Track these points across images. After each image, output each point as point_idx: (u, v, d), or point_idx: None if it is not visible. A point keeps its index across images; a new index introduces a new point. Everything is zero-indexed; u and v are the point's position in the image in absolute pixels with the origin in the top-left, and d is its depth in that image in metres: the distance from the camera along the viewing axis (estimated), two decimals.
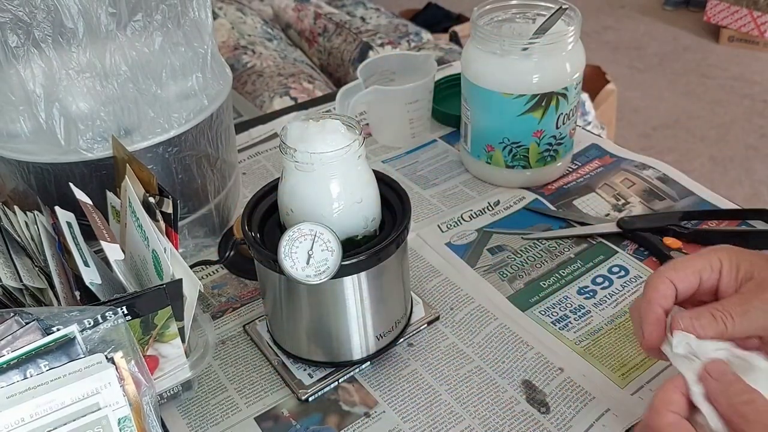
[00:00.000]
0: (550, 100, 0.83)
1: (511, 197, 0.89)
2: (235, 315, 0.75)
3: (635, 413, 0.62)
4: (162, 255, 0.59)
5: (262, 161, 1.00)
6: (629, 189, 0.90)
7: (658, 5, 3.76)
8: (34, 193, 0.71)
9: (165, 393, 0.64)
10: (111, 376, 0.50)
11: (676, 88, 3.04)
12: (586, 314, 0.73)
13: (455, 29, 2.62)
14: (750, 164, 2.55)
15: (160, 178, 0.68)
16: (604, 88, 2.27)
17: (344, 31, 1.96)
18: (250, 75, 1.79)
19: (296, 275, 0.58)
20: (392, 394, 0.66)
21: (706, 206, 0.86)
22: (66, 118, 0.67)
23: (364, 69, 0.98)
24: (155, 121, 0.71)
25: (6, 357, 0.49)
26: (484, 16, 0.87)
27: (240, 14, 2.06)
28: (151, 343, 0.59)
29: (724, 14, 3.31)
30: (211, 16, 0.74)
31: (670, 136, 2.73)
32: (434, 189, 0.92)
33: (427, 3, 3.08)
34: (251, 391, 0.67)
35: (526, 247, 0.82)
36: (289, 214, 0.62)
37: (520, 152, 0.87)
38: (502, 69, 0.83)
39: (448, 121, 1.04)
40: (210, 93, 0.75)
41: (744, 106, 2.88)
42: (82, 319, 0.53)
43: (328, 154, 0.58)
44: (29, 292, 0.63)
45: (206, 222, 0.81)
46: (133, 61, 0.68)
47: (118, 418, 0.50)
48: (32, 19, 0.62)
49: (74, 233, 0.64)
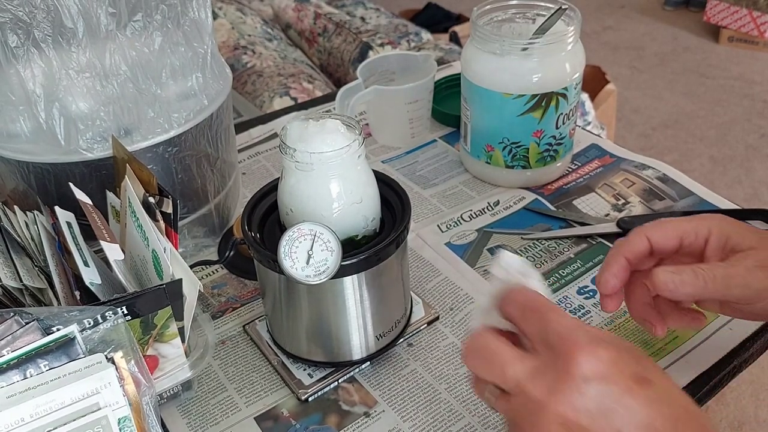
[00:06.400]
0: (550, 100, 0.83)
1: (511, 197, 0.89)
2: (235, 315, 0.75)
3: None
4: (162, 255, 0.59)
5: (262, 161, 1.00)
6: (629, 189, 0.90)
7: (658, 5, 3.76)
8: (34, 193, 0.71)
9: (165, 393, 0.64)
10: (111, 376, 0.50)
11: (676, 88, 3.04)
12: (585, 314, 0.73)
13: (455, 29, 2.62)
14: (750, 164, 2.55)
15: (160, 178, 0.68)
16: (604, 88, 2.27)
17: (344, 31, 1.96)
18: (250, 75, 1.79)
19: (296, 275, 0.58)
20: (392, 393, 0.66)
21: (706, 206, 0.86)
22: (66, 118, 0.67)
23: (364, 69, 0.98)
24: (155, 121, 0.71)
25: (6, 357, 0.49)
26: (484, 16, 0.87)
27: (240, 14, 2.06)
28: (151, 343, 0.59)
29: (724, 14, 3.31)
30: (211, 16, 0.74)
31: (670, 136, 2.73)
32: (434, 189, 0.92)
33: (427, 3, 3.08)
34: (251, 391, 0.67)
35: (526, 247, 0.82)
36: (289, 213, 0.62)
37: (519, 152, 0.87)
38: (502, 69, 0.83)
39: (448, 121, 1.04)
40: (210, 93, 0.75)
41: (744, 106, 2.88)
42: (82, 319, 0.53)
43: (327, 153, 0.58)
44: (29, 292, 0.63)
45: (206, 222, 0.81)
46: (133, 61, 0.68)
47: (118, 418, 0.50)
48: (32, 19, 0.62)
49: (74, 233, 0.64)
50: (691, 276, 0.55)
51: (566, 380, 0.42)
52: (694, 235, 0.58)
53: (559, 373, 0.42)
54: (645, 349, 0.67)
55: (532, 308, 0.46)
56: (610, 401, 0.41)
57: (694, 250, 0.59)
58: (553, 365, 0.43)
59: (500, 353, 0.46)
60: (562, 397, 0.42)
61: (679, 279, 0.55)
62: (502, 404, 0.46)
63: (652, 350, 0.66)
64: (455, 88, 0.98)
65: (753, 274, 0.55)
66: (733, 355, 0.67)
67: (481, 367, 0.47)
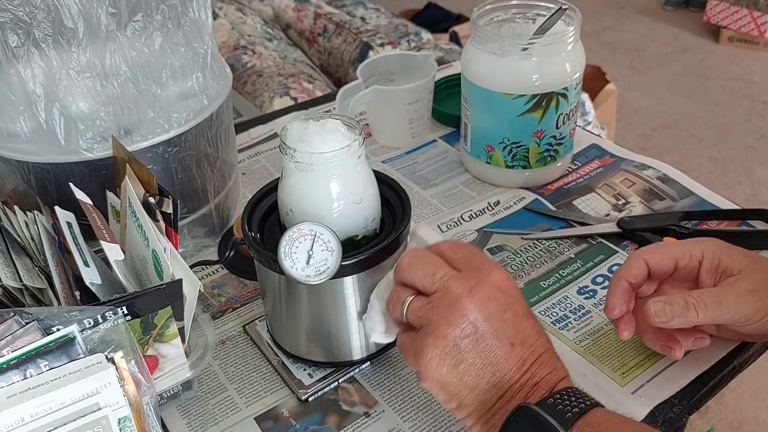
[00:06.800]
0: (550, 100, 0.83)
1: (511, 197, 0.89)
2: (235, 315, 0.75)
3: (635, 413, 0.62)
4: (162, 255, 0.59)
5: (262, 161, 1.00)
6: (629, 189, 0.90)
7: (658, 5, 3.76)
8: (34, 193, 0.71)
9: (165, 393, 0.64)
10: (111, 376, 0.50)
11: (676, 88, 3.04)
12: (586, 314, 0.73)
13: (455, 29, 2.62)
14: (749, 165, 2.55)
15: (160, 178, 0.68)
16: (604, 88, 2.27)
17: (344, 31, 1.95)
18: (250, 75, 1.79)
19: (296, 275, 0.58)
20: (392, 393, 0.66)
21: (706, 206, 0.86)
22: (66, 118, 0.67)
23: (364, 69, 0.98)
24: (155, 121, 0.71)
25: (6, 357, 0.49)
26: (484, 16, 0.87)
27: (240, 14, 2.06)
28: (151, 343, 0.59)
29: (724, 14, 3.31)
30: (211, 16, 0.74)
31: (670, 136, 2.73)
32: (434, 189, 0.92)
33: (427, 3, 3.07)
34: (251, 391, 0.67)
35: (526, 247, 0.82)
36: (289, 214, 0.62)
37: (520, 152, 0.87)
38: (502, 69, 0.83)
39: (448, 121, 1.04)
40: (210, 93, 0.75)
41: (744, 107, 2.88)
42: (82, 319, 0.53)
43: (327, 154, 0.58)
44: (29, 292, 0.63)
45: (206, 222, 0.81)
46: (133, 61, 0.68)
47: (118, 418, 0.50)
48: (32, 19, 0.62)
49: (74, 233, 0.64)
50: (683, 307, 0.59)
51: (484, 285, 0.54)
52: (689, 257, 0.62)
53: (480, 280, 0.54)
54: (646, 349, 0.67)
55: (462, 245, 0.58)
56: (506, 306, 0.54)
57: (690, 272, 0.63)
58: (475, 275, 0.54)
59: (436, 260, 0.56)
60: (478, 293, 0.53)
61: (671, 310, 0.59)
62: (418, 306, 0.55)
63: (652, 351, 0.66)
64: (455, 88, 0.98)
65: (743, 299, 0.59)
66: (733, 355, 0.67)
67: (416, 271, 0.56)
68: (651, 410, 0.62)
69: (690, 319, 0.59)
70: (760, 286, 0.59)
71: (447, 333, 0.53)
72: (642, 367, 0.66)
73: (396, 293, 0.58)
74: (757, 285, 0.59)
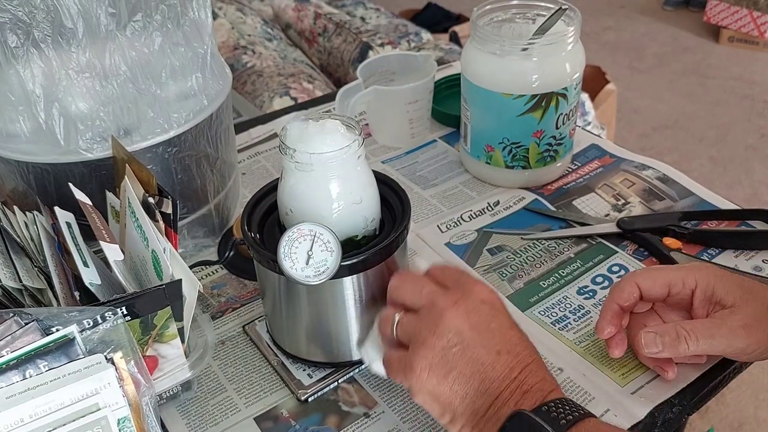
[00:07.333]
0: (550, 100, 0.83)
1: (511, 197, 0.89)
2: (235, 315, 0.75)
3: (635, 413, 0.62)
4: (161, 255, 0.59)
5: (261, 161, 1.00)
6: (629, 189, 0.90)
7: (658, 5, 3.76)
8: (33, 193, 0.71)
9: (164, 393, 0.64)
10: (110, 377, 0.50)
11: (676, 88, 3.04)
12: (585, 314, 0.73)
13: (455, 29, 2.62)
14: (749, 164, 2.55)
15: (159, 178, 0.68)
16: (604, 88, 2.27)
17: (344, 31, 1.95)
18: (250, 75, 1.79)
19: (296, 275, 0.58)
20: (392, 394, 0.66)
21: (705, 206, 0.86)
22: (66, 118, 0.67)
23: (364, 69, 0.98)
24: (155, 121, 0.71)
25: (5, 357, 0.49)
26: (484, 16, 0.87)
27: (240, 14, 2.06)
28: (151, 344, 0.59)
29: (724, 14, 3.31)
30: (211, 16, 0.74)
31: (670, 136, 2.73)
32: (434, 189, 0.92)
33: (427, 3, 3.07)
34: (251, 392, 0.67)
35: (526, 247, 0.82)
36: (289, 214, 0.62)
37: (519, 152, 0.87)
38: (502, 69, 0.83)
39: (447, 121, 1.04)
40: (210, 93, 0.75)
41: (744, 107, 2.88)
42: (82, 319, 0.53)
43: (327, 154, 0.58)
44: (29, 292, 0.63)
45: (206, 222, 0.81)
46: (133, 61, 0.68)
47: (118, 419, 0.50)
48: (32, 19, 0.62)
49: (74, 233, 0.64)
50: (674, 339, 0.60)
51: (469, 297, 0.56)
52: (681, 285, 0.63)
53: (464, 293, 0.57)
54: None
55: (450, 267, 0.62)
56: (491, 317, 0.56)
57: (682, 300, 0.63)
58: (461, 288, 0.57)
59: (423, 279, 0.60)
60: (463, 305, 0.55)
61: (662, 341, 0.60)
62: (406, 322, 0.58)
63: None
64: (455, 88, 0.98)
65: (735, 334, 0.59)
66: None
67: (406, 289, 0.59)
68: (651, 410, 0.62)
69: (680, 352, 0.60)
70: (753, 320, 0.59)
71: (434, 344, 0.54)
72: (642, 368, 0.66)
73: (387, 312, 0.60)
74: (750, 320, 0.59)
